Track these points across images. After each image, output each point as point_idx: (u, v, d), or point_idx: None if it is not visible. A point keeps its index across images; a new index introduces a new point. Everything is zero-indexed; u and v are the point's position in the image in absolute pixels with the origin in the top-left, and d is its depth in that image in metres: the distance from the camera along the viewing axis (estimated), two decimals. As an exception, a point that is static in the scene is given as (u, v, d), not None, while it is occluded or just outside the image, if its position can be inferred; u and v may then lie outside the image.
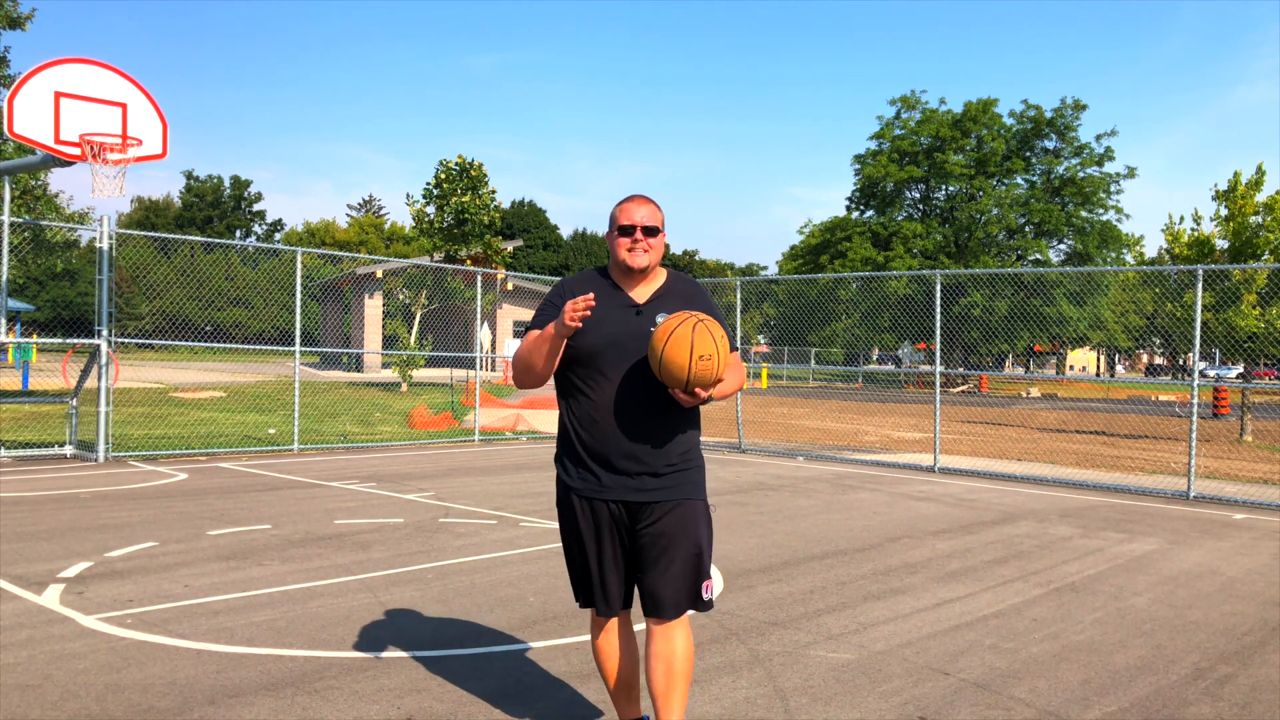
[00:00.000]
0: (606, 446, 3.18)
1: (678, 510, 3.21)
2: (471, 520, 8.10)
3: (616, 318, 3.19)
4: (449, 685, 4.12)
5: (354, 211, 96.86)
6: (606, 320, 3.17)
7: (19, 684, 4.00)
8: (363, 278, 42.28)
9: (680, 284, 3.34)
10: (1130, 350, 63.33)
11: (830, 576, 6.39)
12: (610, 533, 3.24)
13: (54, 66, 10.00)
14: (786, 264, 57.99)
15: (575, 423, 3.25)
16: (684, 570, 3.20)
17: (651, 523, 3.19)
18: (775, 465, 13.16)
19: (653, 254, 3.25)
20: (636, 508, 3.21)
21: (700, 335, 3.00)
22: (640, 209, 3.25)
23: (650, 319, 3.18)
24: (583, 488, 3.24)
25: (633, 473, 3.19)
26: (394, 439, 15.12)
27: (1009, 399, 36.94)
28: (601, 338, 3.16)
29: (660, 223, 3.28)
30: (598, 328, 3.14)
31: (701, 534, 3.25)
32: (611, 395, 3.17)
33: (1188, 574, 6.80)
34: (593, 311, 3.10)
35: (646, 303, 3.24)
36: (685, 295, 3.30)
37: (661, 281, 3.31)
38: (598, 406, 3.18)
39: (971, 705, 4.07)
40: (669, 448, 3.23)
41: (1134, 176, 48.37)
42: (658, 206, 3.32)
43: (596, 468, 3.21)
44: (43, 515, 7.78)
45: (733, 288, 16.45)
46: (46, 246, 19.52)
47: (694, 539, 3.22)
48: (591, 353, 3.17)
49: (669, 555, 3.19)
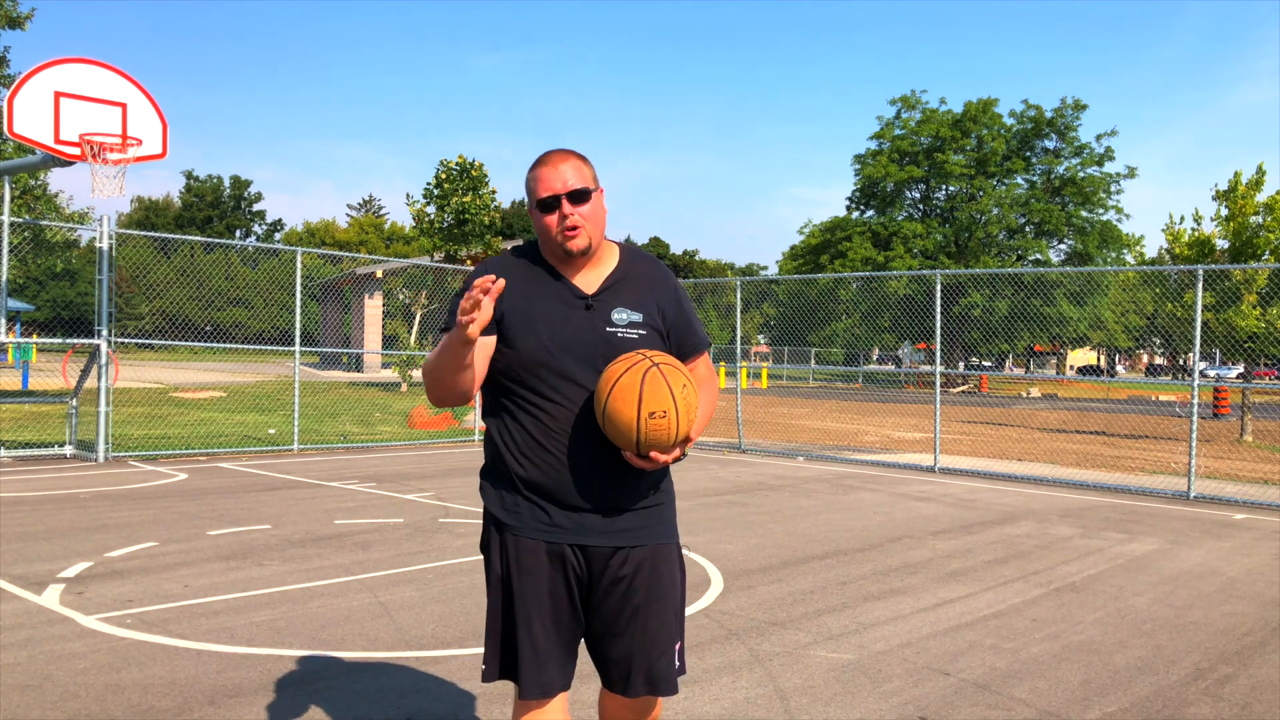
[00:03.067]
0: (558, 479, 2.43)
1: (651, 557, 2.51)
2: (471, 520, 8.10)
3: (560, 315, 2.45)
4: (449, 685, 4.12)
5: (354, 211, 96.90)
6: (547, 318, 2.44)
7: (19, 684, 4.00)
8: (363, 278, 42.28)
9: (639, 265, 2.59)
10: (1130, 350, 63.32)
11: (830, 576, 6.39)
12: (559, 586, 2.46)
13: (54, 66, 10.00)
14: (786, 264, 57.99)
15: (513, 450, 2.47)
16: (660, 633, 2.51)
17: (618, 574, 2.48)
18: (775, 465, 13.16)
19: (591, 226, 2.45)
20: (595, 554, 2.47)
21: (652, 384, 2.29)
22: (559, 170, 2.43)
23: (605, 314, 2.47)
24: (521, 526, 2.46)
25: (592, 510, 2.45)
26: (394, 439, 15.12)
27: (1009, 399, 36.94)
28: (544, 341, 2.42)
29: (590, 180, 2.47)
30: (536, 328, 2.43)
31: (679, 587, 2.59)
32: (561, 415, 2.42)
33: (1188, 574, 6.80)
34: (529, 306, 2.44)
35: (597, 292, 2.49)
36: (648, 280, 2.56)
37: (615, 263, 2.55)
38: (545, 429, 2.43)
39: (971, 705, 4.07)
40: (638, 479, 2.49)
41: (1134, 176, 48.39)
42: (583, 160, 2.50)
43: (544, 502, 2.45)
44: (43, 515, 7.78)
45: (733, 288, 16.45)
46: (46, 246, 19.52)
47: (672, 594, 2.55)
48: (532, 361, 2.42)
49: (642, 615, 2.49)
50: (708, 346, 2.66)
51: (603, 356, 2.43)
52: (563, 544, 2.45)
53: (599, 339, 2.44)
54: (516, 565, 2.46)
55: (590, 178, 2.48)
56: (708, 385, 2.63)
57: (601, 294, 2.49)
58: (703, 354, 2.65)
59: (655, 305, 2.54)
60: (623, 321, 2.48)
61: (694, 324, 2.61)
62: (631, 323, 2.49)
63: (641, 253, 2.67)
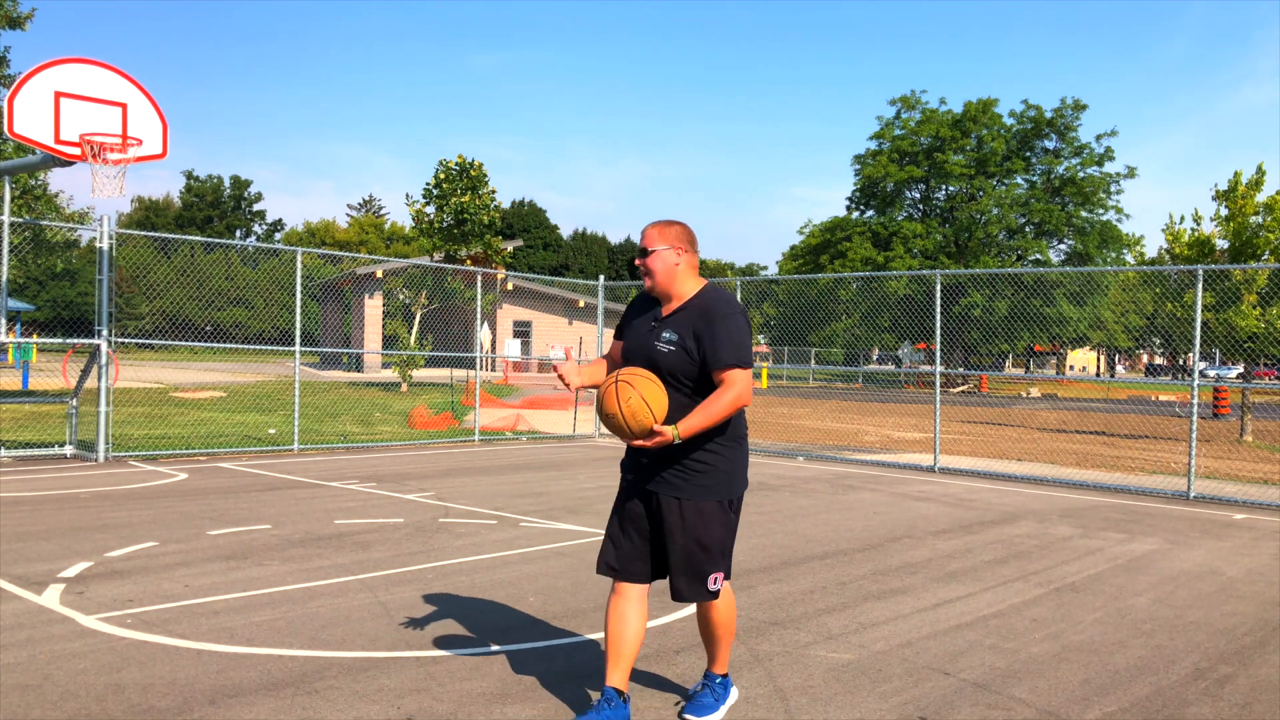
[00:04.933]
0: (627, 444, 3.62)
1: (680, 508, 3.56)
2: (471, 520, 8.10)
3: (642, 329, 3.66)
4: (449, 685, 4.12)
5: (354, 211, 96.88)
6: (635, 331, 3.69)
7: (19, 684, 4.00)
8: (363, 278, 42.28)
9: (699, 299, 3.60)
10: (1130, 350, 63.31)
11: (830, 576, 6.39)
12: (633, 508, 3.67)
13: (54, 66, 10.00)
14: (786, 264, 58.00)
15: None
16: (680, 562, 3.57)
17: (659, 514, 3.60)
18: (775, 465, 13.16)
19: (657, 274, 3.60)
20: (649, 496, 3.63)
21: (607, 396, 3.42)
22: (645, 235, 3.66)
23: (659, 333, 3.58)
24: (627, 466, 3.73)
25: (649, 467, 3.61)
26: (394, 439, 15.12)
27: (1009, 399, 36.94)
28: (629, 346, 3.69)
29: (652, 242, 3.60)
30: (630, 337, 3.71)
31: (702, 533, 3.55)
32: None
33: (1188, 574, 6.80)
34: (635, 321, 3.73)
35: (665, 317, 3.63)
36: (699, 310, 3.57)
37: (687, 298, 3.62)
38: None
39: (971, 705, 4.07)
40: (669, 453, 3.56)
41: (1134, 176, 48.36)
42: (663, 225, 3.65)
43: (633, 453, 3.68)
44: (43, 515, 7.78)
45: (733, 288, 16.45)
46: (46, 246, 19.53)
47: (694, 537, 3.55)
48: (625, 357, 3.70)
49: (672, 548, 3.58)
50: (728, 365, 3.45)
51: (649, 361, 3.55)
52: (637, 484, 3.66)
53: (649, 348, 3.58)
54: (620, 490, 3.74)
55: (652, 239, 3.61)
56: (718, 392, 3.46)
57: (667, 318, 3.60)
58: (723, 370, 3.46)
59: (691, 330, 3.52)
60: (664, 339, 3.55)
61: (719, 347, 3.46)
62: (669, 340, 3.54)
63: (710, 291, 3.64)
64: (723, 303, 3.55)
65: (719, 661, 3.87)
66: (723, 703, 3.88)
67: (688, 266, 3.63)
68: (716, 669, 3.88)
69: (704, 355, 3.48)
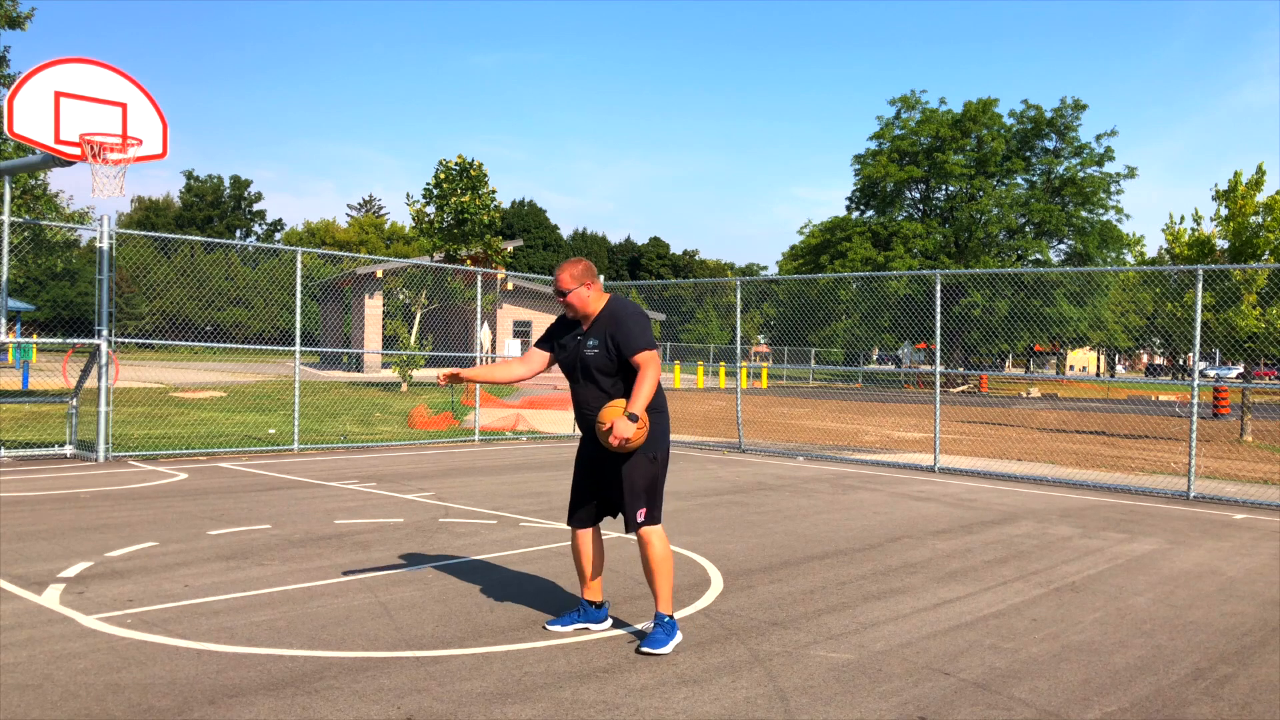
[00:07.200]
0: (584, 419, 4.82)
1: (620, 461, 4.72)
2: (471, 520, 8.10)
3: (570, 343, 4.82)
4: (449, 685, 4.12)
5: (354, 211, 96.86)
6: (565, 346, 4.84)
7: (19, 684, 4.00)
8: (363, 278, 42.27)
9: (606, 310, 4.75)
10: (1130, 350, 63.32)
11: (830, 576, 6.39)
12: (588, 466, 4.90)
13: (54, 66, 10.00)
14: (786, 264, 57.98)
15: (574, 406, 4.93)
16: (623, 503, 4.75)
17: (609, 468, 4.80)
18: (775, 465, 13.16)
19: (576, 306, 4.74)
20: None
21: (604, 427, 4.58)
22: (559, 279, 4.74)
23: (585, 342, 4.73)
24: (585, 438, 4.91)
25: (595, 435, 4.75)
26: (394, 439, 15.12)
27: (1009, 399, 36.95)
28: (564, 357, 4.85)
29: (567, 284, 4.71)
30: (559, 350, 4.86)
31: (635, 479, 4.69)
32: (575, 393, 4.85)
33: (1188, 574, 6.80)
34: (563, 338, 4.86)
35: (586, 330, 4.77)
36: (608, 318, 4.70)
37: (597, 313, 4.75)
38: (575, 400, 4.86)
39: (971, 705, 4.07)
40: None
41: (1134, 176, 48.37)
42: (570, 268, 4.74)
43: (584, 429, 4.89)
44: (43, 515, 7.78)
45: (732, 288, 16.45)
46: (46, 246, 19.52)
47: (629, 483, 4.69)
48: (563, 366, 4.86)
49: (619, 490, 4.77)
50: (640, 349, 4.61)
51: (581, 362, 4.73)
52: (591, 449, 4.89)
53: (578, 354, 4.76)
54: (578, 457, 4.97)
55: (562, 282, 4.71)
56: (641, 372, 4.60)
57: (587, 332, 4.76)
58: (637, 353, 4.60)
59: (607, 334, 4.68)
60: (590, 346, 4.71)
61: (631, 338, 4.61)
62: (593, 346, 4.70)
63: (613, 301, 4.77)
64: (623, 308, 4.72)
65: (660, 600, 4.70)
66: (671, 636, 4.68)
67: (594, 293, 4.75)
68: (660, 608, 4.71)
69: (619, 348, 4.61)
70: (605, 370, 4.66)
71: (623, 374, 4.68)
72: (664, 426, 4.75)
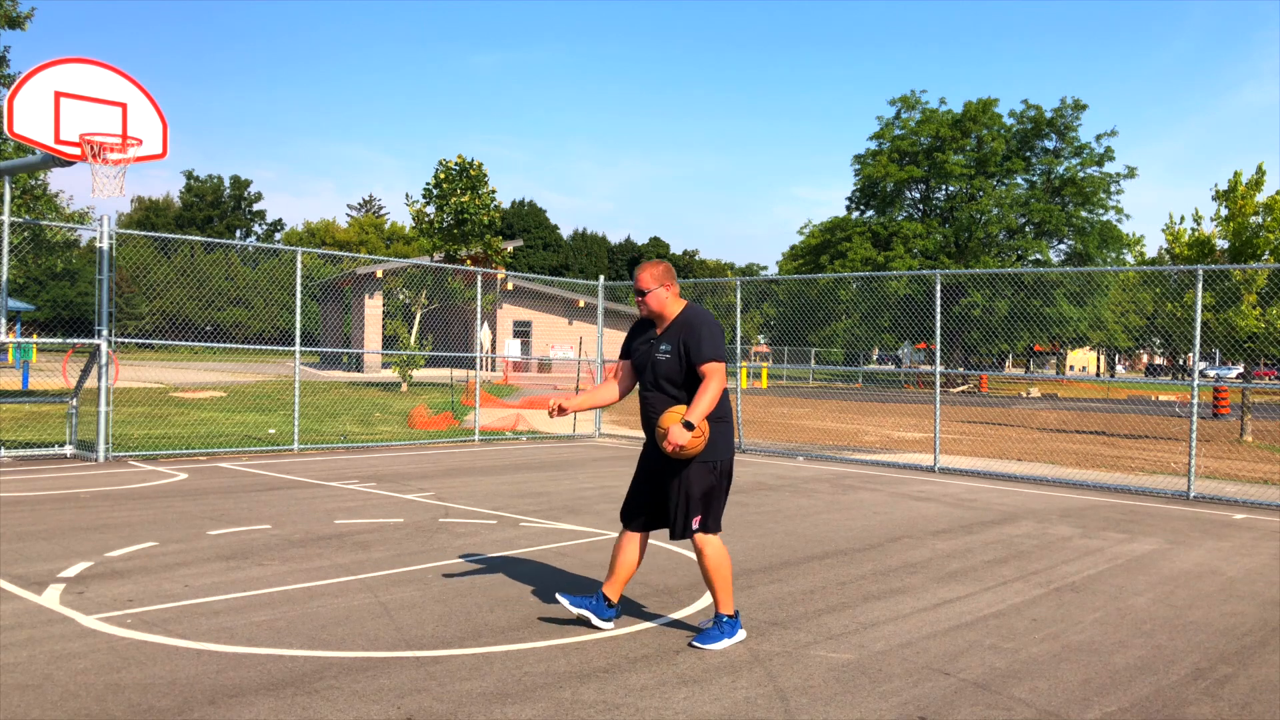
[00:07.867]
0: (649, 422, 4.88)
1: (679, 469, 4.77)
2: (471, 520, 8.10)
3: (643, 347, 4.93)
4: (449, 685, 4.12)
5: (354, 211, 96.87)
6: (639, 350, 4.95)
7: (19, 684, 4.00)
8: (363, 278, 42.28)
9: (682, 317, 4.83)
10: (1130, 350, 63.30)
11: (830, 576, 6.39)
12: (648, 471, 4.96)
13: (54, 66, 9.99)
14: (786, 264, 57.98)
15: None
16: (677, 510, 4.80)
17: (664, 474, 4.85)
18: (775, 465, 13.16)
19: (653, 306, 4.84)
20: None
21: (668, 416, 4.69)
22: (639, 278, 4.87)
23: (658, 345, 4.83)
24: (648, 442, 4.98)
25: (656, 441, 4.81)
26: (394, 439, 15.12)
27: (1009, 399, 36.94)
28: (637, 359, 4.96)
29: (646, 284, 4.81)
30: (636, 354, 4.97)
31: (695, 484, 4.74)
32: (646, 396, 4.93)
33: (1188, 574, 6.80)
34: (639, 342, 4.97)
35: (660, 334, 4.88)
36: (683, 324, 4.80)
37: (673, 318, 4.85)
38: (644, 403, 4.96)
39: (971, 705, 4.07)
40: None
41: (1134, 176, 48.37)
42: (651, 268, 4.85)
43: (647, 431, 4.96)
44: (43, 515, 7.78)
45: (733, 288, 16.45)
46: (46, 246, 19.52)
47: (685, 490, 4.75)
48: (635, 367, 4.98)
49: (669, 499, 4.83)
50: (708, 359, 4.67)
51: (652, 365, 4.84)
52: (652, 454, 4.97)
53: (650, 357, 4.87)
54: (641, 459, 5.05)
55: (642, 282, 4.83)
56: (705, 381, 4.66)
57: (661, 336, 4.86)
58: (704, 363, 4.68)
59: (680, 340, 4.75)
60: (662, 350, 4.80)
61: (702, 346, 4.67)
62: (665, 350, 4.79)
63: (690, 309, 4.85)
64: (699, 316, 4.81)
65: (720, 603, 4.80)
66: (728, 636, 4.77)
67: (671, 295, 4.85)
68: (720, 609, 4.81)
69: (689, 353, 4.69)
70: (673, 380, 4.76)
71: (689, 387, 4.73)
72: (727, 436, 4.79)
